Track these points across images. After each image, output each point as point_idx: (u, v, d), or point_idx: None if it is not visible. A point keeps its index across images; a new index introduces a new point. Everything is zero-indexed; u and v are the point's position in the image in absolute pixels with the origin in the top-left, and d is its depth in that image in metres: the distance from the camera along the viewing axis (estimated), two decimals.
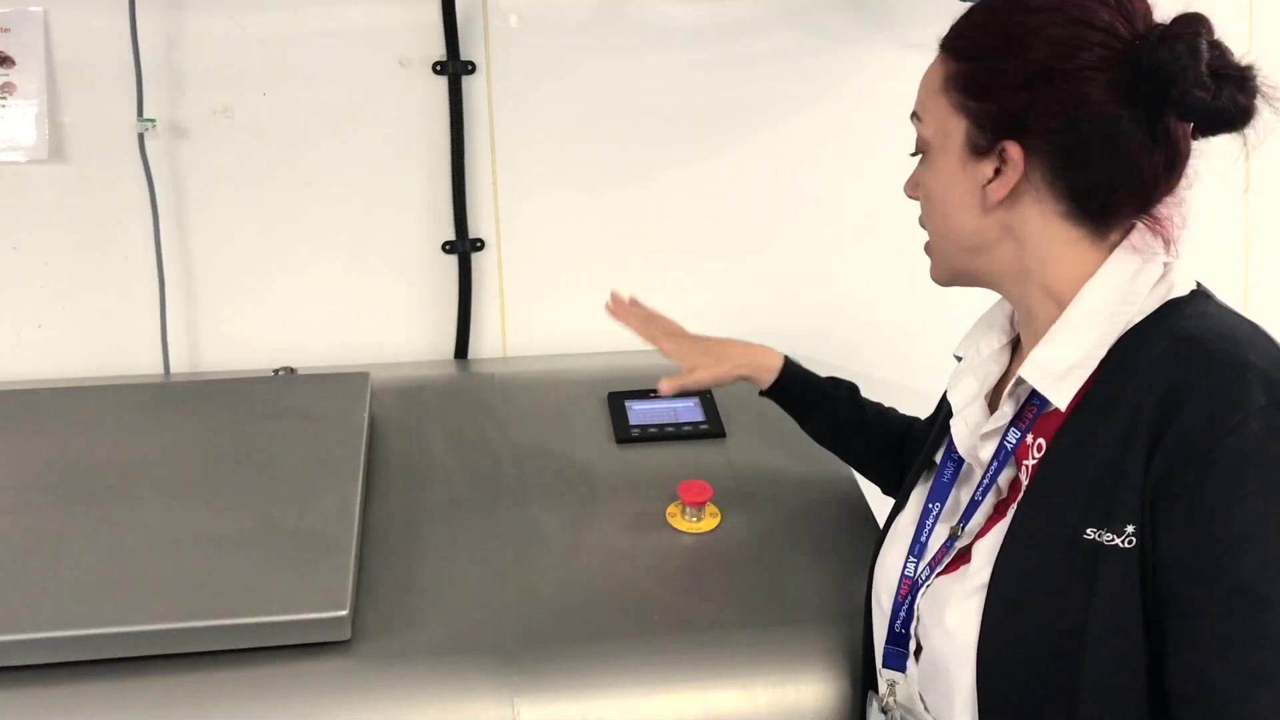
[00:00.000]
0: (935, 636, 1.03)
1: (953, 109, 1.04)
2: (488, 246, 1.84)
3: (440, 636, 1.22)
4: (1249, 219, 1.97)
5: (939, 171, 1.07)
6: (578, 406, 1.66)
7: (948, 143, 1.05)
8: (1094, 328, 1.00)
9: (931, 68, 1.08)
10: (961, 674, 0.99)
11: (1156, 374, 0.93)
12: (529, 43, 1.78)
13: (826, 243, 1.90)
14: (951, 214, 1.07)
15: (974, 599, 0.99)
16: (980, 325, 1.18)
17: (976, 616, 0.98)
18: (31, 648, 1.15)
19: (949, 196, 1.07)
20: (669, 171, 1.85)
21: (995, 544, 1.00)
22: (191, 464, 1.42)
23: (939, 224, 1.10)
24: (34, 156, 1.71)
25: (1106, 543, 0.92)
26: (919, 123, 1.09)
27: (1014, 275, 1.06)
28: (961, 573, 1.03)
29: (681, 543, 1.39)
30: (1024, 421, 1.04)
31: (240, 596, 1.19)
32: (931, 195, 1.09)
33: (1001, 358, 1.14)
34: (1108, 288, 1.01)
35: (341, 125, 1.77)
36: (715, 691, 1.19)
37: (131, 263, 1.77)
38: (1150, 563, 0.91)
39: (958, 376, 1.16)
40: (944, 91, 1.05)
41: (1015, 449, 1.03)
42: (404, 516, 1.41)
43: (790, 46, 1.83)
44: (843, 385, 1.46)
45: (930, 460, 1.19)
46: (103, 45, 1.70)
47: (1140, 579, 0.91)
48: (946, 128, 1.05)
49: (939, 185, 1.08)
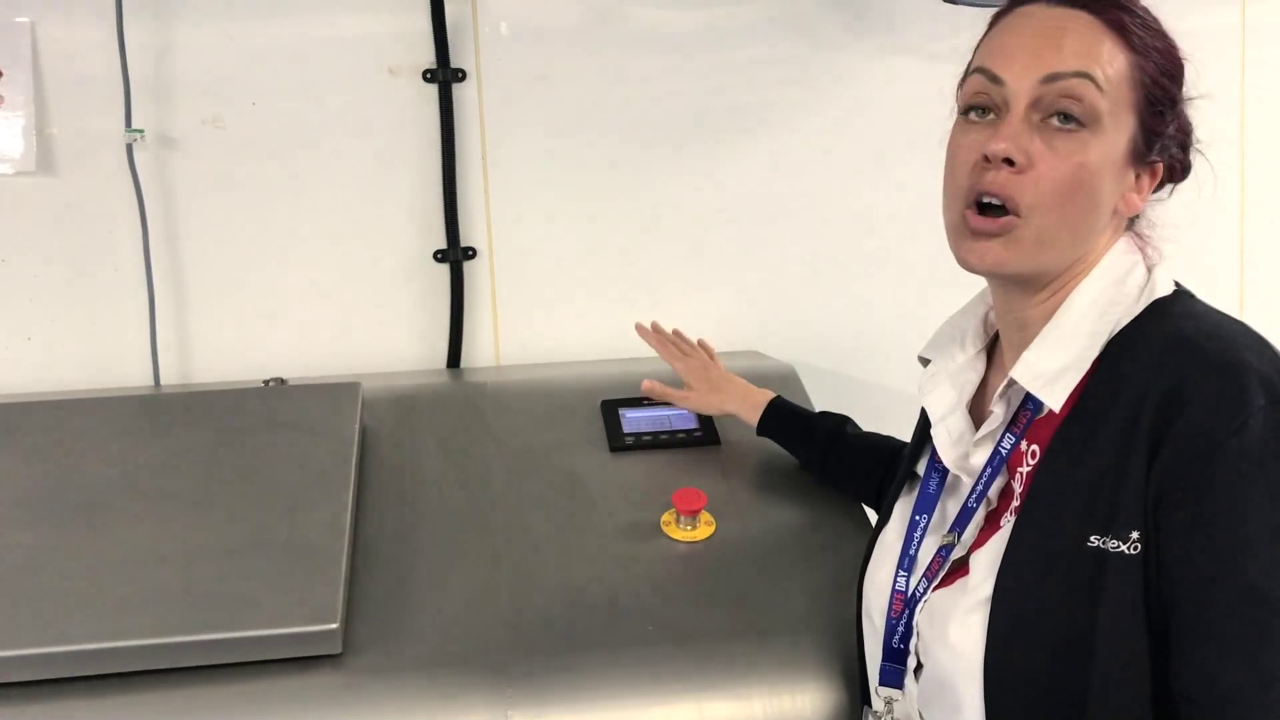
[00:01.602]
0: (938, 653, 1.01)
1: (1131, 105, 0.98)
2: (480, 255, 1.83)
3: (433, 649, 1.21)
4: (1244, 226, 1.97)
5: (1104, 154, 0.97)
6: (571, 415, 1.66)
7: (1118, 134, 0.98)
8: (1084, 329, 0.99)
9: (1105, 39, 0.98)
10: (968, 690, 0.97)
11: (1153, 377, 0.92)
12: (519, 50, 1.78)
13: (820, 249, 1.89)
14: (1087, 207, 0.98)
15: (977, 613, 0.97)
16: (951, 329, 1.15)
17: (981, 630, 0.96)
18: (19, 664, 1.14)
19: (1103, 185, 0.98)
20: (661, 178, 1.85)
21: (995, 555, 0.98)
22: (181, 476, 1.41)
23: (1069, 210, 0.98)
24: (21, 169, 1.70)
25: (1112, 550, 0.91)
26: (1096, 91, 0.96)
27: (1061, 281, 1.02)
28: (960, 586, 1.01)
29: (676, 551, 1.38)
30: (1017, 427, 1.02)
31: (230, 610, 1.18)
32: (1085, 176, 0.97)
33: (978, 364, 1.12)
34: (1098, 290, 1.00)
35: (332, 134, 1.76)
36: (711, 702, 1.18)
37: (121, 274, 1.76)
38: (1154, 567, 0.90)
39: (931, 384, 1.13)
40: (1129, 80, 0.98)
41: (1009, 456, 1.02)
42: (396, 527, 1.40)
43: (781, 52, 1.82)
44: (832, 417, 1.46)
45: (911, 472, 1.17)
46: (90, 56, 1.69)
47: (1145, 584, 0.91)
48: (1120, 117, 0.98)
49: (1100, 169, 0.97)
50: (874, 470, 1.39)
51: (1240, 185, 1.95)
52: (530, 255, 1.85)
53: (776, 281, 1.90)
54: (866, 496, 1.43)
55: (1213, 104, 1.05)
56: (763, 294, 1.90)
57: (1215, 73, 1.73)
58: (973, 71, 1.02)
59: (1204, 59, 1.04)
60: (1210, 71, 1.04)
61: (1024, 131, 0.97)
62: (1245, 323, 0.97)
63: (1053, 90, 0.97)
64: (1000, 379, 1.06)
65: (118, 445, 1.47)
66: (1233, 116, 1.92)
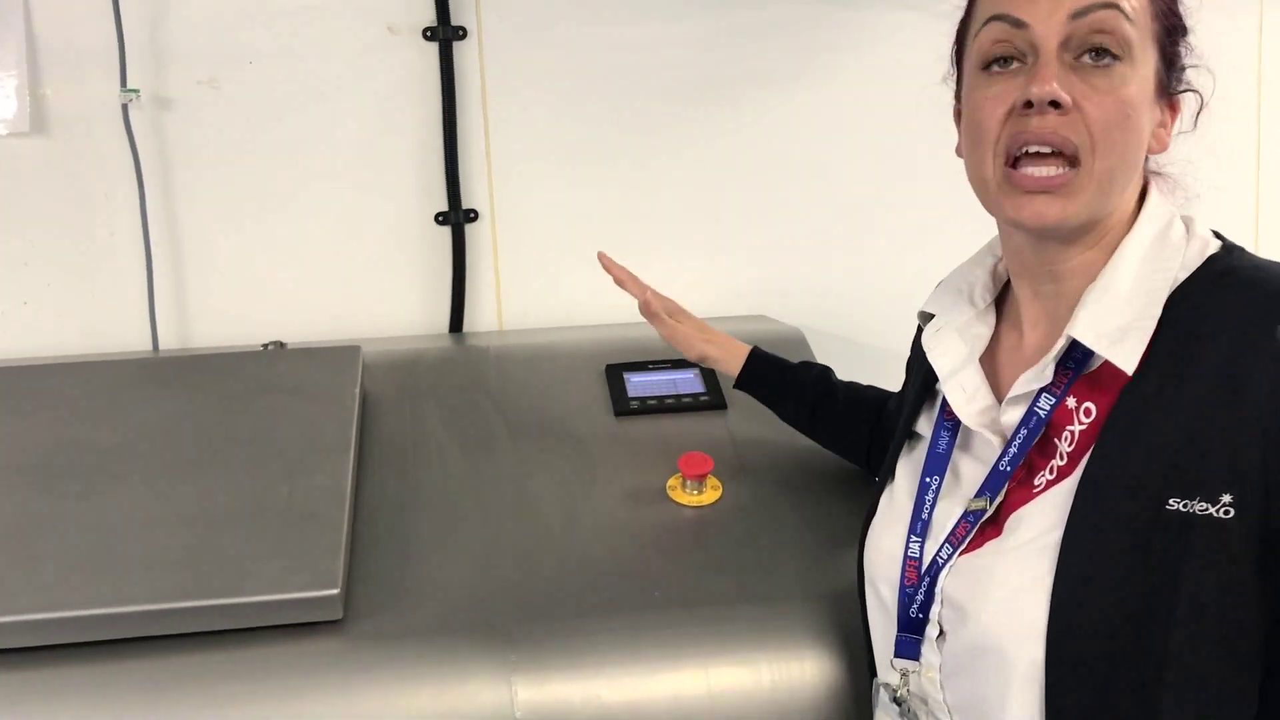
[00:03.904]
0: (983, 618, 0.94)
1: (1153, 35, 0.94)
2: (482, 217, 1.81)
3: (435, 615, 1.20)
4: (1259, 186, 1.95)
5: (1141, 88, 0.93)
6: (575, 379, 1.64)
7: (1146, 66, 0.94)
8: (1142, 285, 0.95)
9: None
10: (1023, 655, 0.91)
11: (1241, 332, 0.88)
12: (521, 7, 1.74)
13: (829, 213, 1.87)
14: (1136, 145, 0.94)
15: (1031, 573, 0.91)
16: (955, 282, 1.10)
17: (1042, 594, 0.90)
18: (17, 630, 1.13)
19: (1143, 122, 0.94)
20: (667, 139, 1.82)
21: (1047, 515, 0.93)
22: (180, 441, 1.40)
23: (1123, 148, 0.93)
24: (15, 129, 1.67)
25: (1199, 513, 0.86)
26: (1125, 20, 0.92)
27: (1103, 225, 0.97)
28: (994, 548, 0.96)
29: (682, 516, 1.36)
30: (1058, 387, 0.97)
31: (230, 576, 1.17)
32: (1130, 111, 0.92)
33: (988, 318, 1.07)
34: (1146, 242, 0.97)
35: (330, 94, 1.74)
36: (717, 668, 1.16)
37: (117, 237, 1.74)
38: (1263, 533, 0.85)
39: (936, 338, 1.08)
40: (1149, 9, 0.94)
41: (1049, 415, 0.97)
42: (397, 493, 1.39)
43: (791, 14, 1.79)
44: (814, 368, 1.43)
45: (911, 431, 1.12)
46: (84, 15, 1.66)
47: (1244, 550, 0.85)
48: (1147, 47, 0.94)
49: (1141, 103, 0.93)
50: (861, 426, 1.36)
51: (1256, 136, 1.92)
52: (533, 218, 1.82)
53: (784, 245, 1.87)
54: (855, 453, 1.40)
55: (1226, 52, 1.03)
56: (770, 257, 1.88)
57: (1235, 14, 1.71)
58: (988, 21, 0.96)
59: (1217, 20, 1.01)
60: (1230, 15, 1.02)
61: (1062, 73, 0.92)
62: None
63: (1082, 26, 0.92)
64: (1013, 334, 1.03)
65: (116, 410, 1.46)
66: (1249, 65, 1.88)
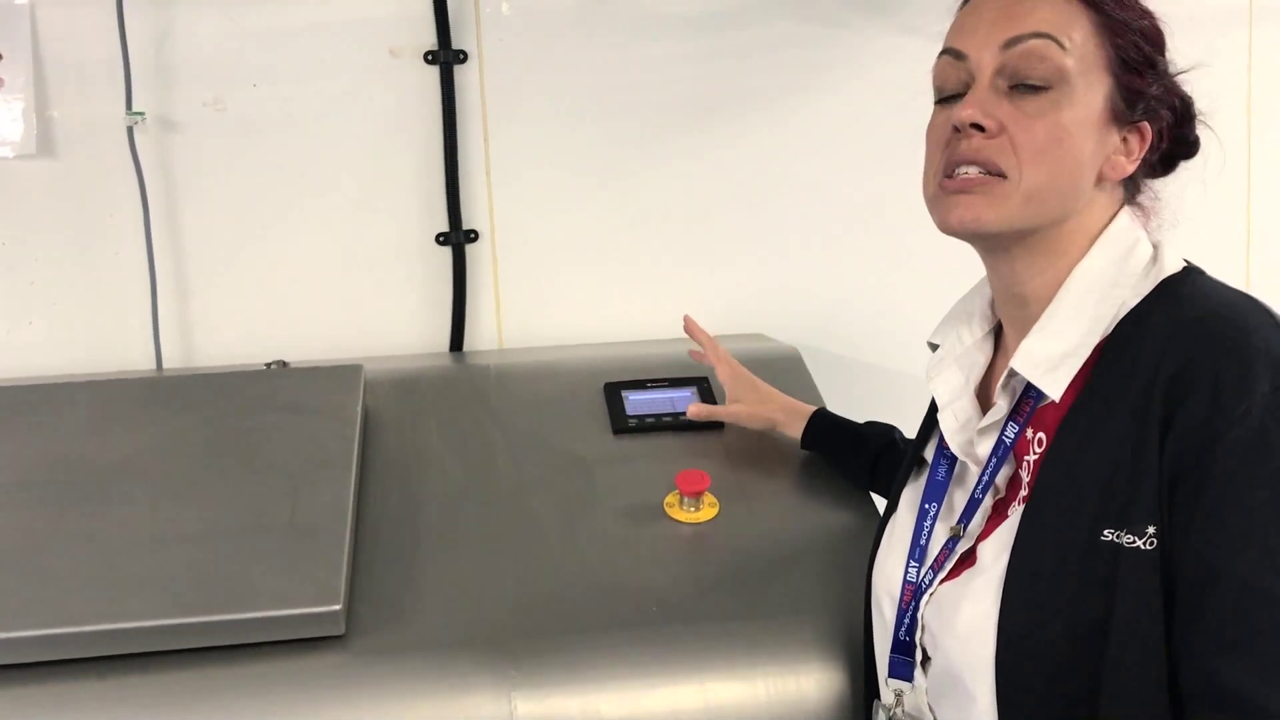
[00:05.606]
0: (947, 645, 0.99)
1: (1103, 63, 0.97)
2: (482, 237, 1.83)
3: (436, 630, 1.21)
4: (1250, 210, 1.96)
5: (1078, 114, 0.96)
6: (574, 398, 1.65)
7: (1091, 93, 0.96)
8: (1086, 311, 0.97)
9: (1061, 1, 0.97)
10: (979, 682, 0.94)
11: (1160, 360, 0.90)
12: (521, 31, 1.77)
13: (826, 232, 1.89)
14: (1072, 167, 0.96)
15: (985, 604, 0.95)
16: (958, 312, 1.13)
17: (991, 622, 0.94)
18: (22, 645, 1.14)
19: (1082, 146, 0.96)
20: (665, 160, 1.84)
21: (1003, 546, 0.96)
22: (184, 458, 1.41)
23: (1052, 168, 0.96)
24: (22, 151, 1.69)
25: (1127, 544, 0.89)
26: (1058, 49, 0.95)
27: (1059, 250, 0.99)
28: (967, 578, 0.99)
29: (680, 533, 1.37)
30: (1021, 415, 1.00)
31: (233, 592, 1.18)
32: (1062, 135, 0.95)
33: (985, 347, 1.10)
34: (1100, 267, 0.98)
35: (333, 117, 1.75)
36: (715, 683, 1.17)
37: (122, 257, 1.76)
38: (1168, 560, 0.88)
39: (938, 367, 1.11)
40: (1095, 37, 0.96)
41: (1014, 444, 1.00)
42: (399, 510, 1.40)
43: (787, 34, 1.81)
44: (878, 425, 1.44)
45: (919, 457, 1.15)
46: (90, 38, 1.68)
47: (1162, 579, 0.88)
48: (1091, 76, 0.96)
49: (1077, 128, 0.96)
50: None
51: (1247, 163, 1.93)
52: (533, 238, 1.84)
53: (781, 264, 1.89)
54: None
55: (1215, 78, 1.04)
56: (767, 276, 1.89)
57: (1220, 49, 1.73)
58: (939, 55, 1.02)
59: (1210, 37, 1.03)
60: (1215, 48, 1.03)
61: (990, 98, 0.96)
62: (1258, 299, 0.94)
63: (1014, 54, 0.96)
64: (1006, 362, 1.05)
65: (120, 428, 1.47)
66: (1239, 93, 1.90)
